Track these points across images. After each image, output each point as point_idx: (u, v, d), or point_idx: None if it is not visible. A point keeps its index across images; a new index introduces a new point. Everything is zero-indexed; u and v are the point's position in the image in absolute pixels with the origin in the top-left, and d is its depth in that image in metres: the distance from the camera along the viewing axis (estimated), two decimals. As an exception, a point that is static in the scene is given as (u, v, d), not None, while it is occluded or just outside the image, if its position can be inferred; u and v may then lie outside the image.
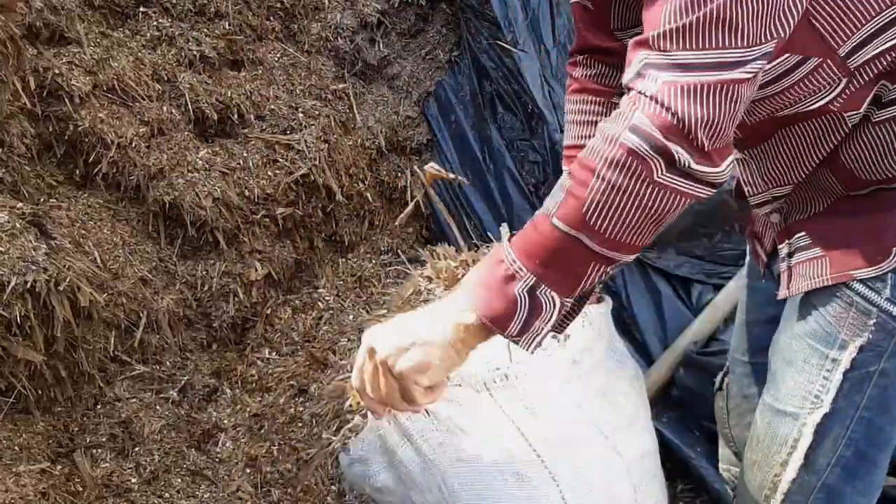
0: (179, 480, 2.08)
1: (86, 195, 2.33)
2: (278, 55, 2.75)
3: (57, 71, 2.26)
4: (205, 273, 2.42)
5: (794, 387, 1.24)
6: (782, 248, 1.26)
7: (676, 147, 0.95)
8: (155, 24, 2.53)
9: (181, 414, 2.23)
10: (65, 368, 2.01)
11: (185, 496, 2.06)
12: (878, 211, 1.16)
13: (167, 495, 2.05)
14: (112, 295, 2.17)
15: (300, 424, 2.25)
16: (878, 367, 1.18)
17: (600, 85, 1.40)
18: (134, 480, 2.05)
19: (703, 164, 0.96)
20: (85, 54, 2.34)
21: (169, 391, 2.26)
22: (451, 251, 1.71)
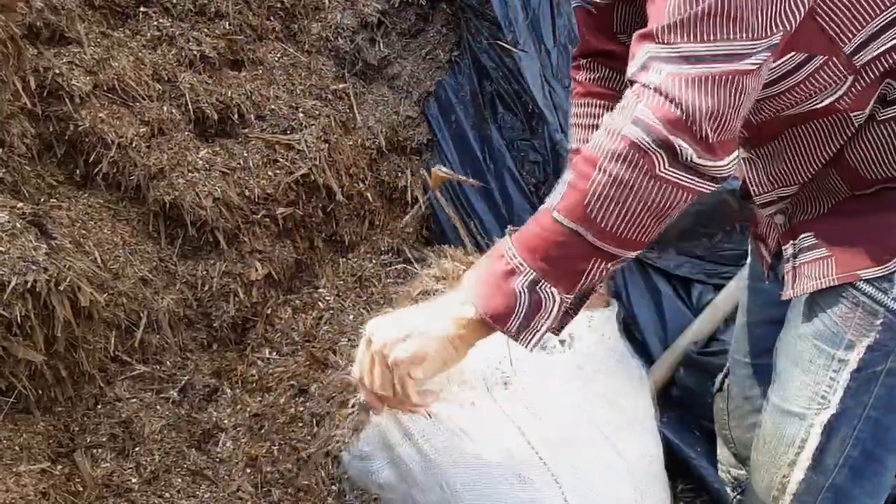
0: (180, 480, 2.08)
1: (86, 195, 2.33)
2: (278, 55, 2.75)
3: (57, 71, 2.26)
4: (205, 273, 2.42)
5: (801, 387, 1.23)
6: (787, 248, 1.25)
7: (679, 140, 0.94)
8: (155, 23, 2.53)
9: (181, 414, 2.23)
10: (65, 368, 2.01)
11: (185, 496, 2.06)
12: (883, 210, 1.16)
13: (167, 495, 2.05)
14: (112, 295, 2.17)
15: (300, 424, 2.25)
16: (885, 367, 1.18)
17: (605, 88, 1.39)
18: (134, 480, 2.04)
19: (707, 158, 0.95)
20: (85, 54, 2.34)
21: (169, 391, 2.26)
22: (458, 253, 1.71)
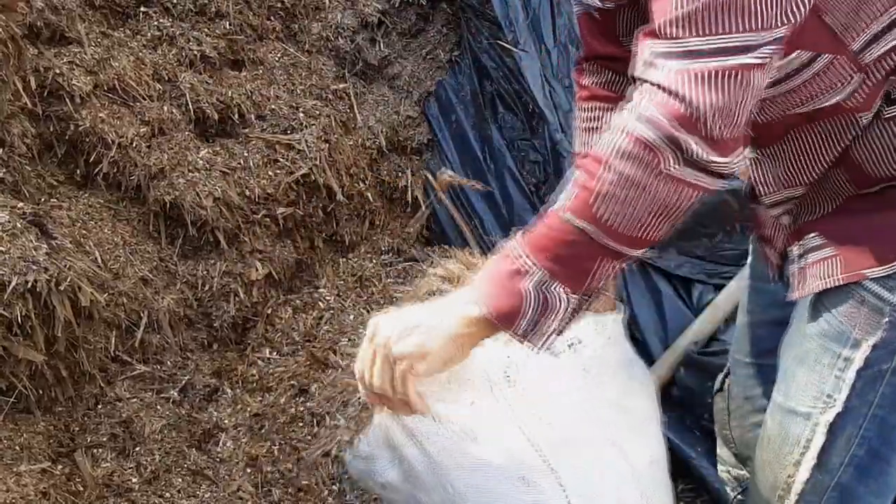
0: (180, 480, 2.08)
1: (86, 195, 2.33)
2: (279, 55, 2.75)
3: (58, 71, 2.26)
4: (205, 273, 2.42)
5: (806, 386, 1.23)
6: (793, 249, 1.25)
7: (687, 137, 0.93)
8: (156, 23, 2.53)
9: (182, 414, 2.23)
10: (65, 368, 2.01)
11: (185, 496, 2.06)
12: (888, 209, 1.15)
13: (168, 495, 2.05)
14: (113, 295, 2.17)
15: (301, 424, 2.25)
16: (891, 365, 1.17)
17: (609, 91, 1.39)
18: (135, 480, 2.05)
19: (714, 155, 0.95)
20: (86, 54, 2.34)
21: (170, 391, 2.26)
22: (465, 256, 1.70)
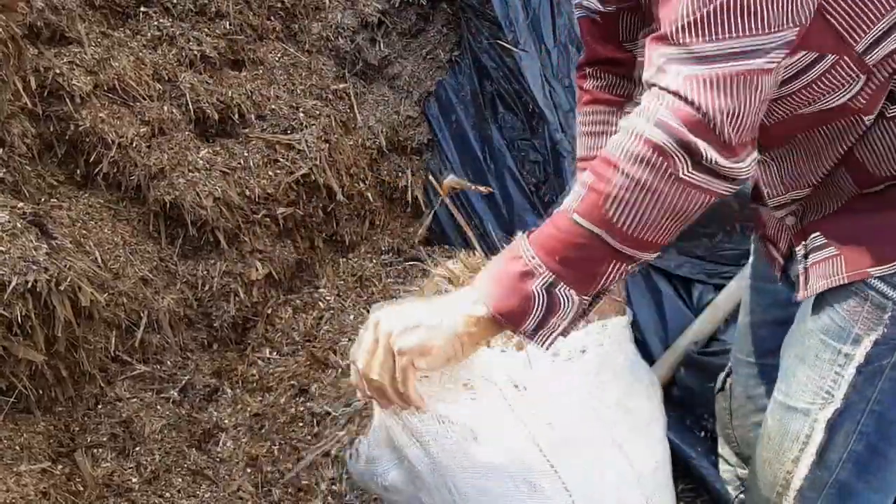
0: (180, 480, 2.08)
1: (86, 195, 2.33)
2: (279, 55, 2.75)
3: (58, 71, 2.26)
4: (205, 273, 2.42)
5: (806, 382, 1.23)
6: (799, 250, 1.25)
7: (701, 142, 0.94)
8: (156, 23, 2.53)
9: (182, 414, 2.23)
10: (66, 368, 2.01)
11: (185, 496, 2.06)
12: (890, 208, 1.16)
13: (168, 495, 2.05)
14: (113, 295, 2.17)
15: (301, 424, 2.25)
16: (890, 361, 1.17)
17: (612, 95, 1.40)
18: (135, 480, 2.05)
19: (728, 160, 0.96)
20: (86, 54, 2.34)
21: (170, 391, 2.26)
22: (471, 258, 1.69)
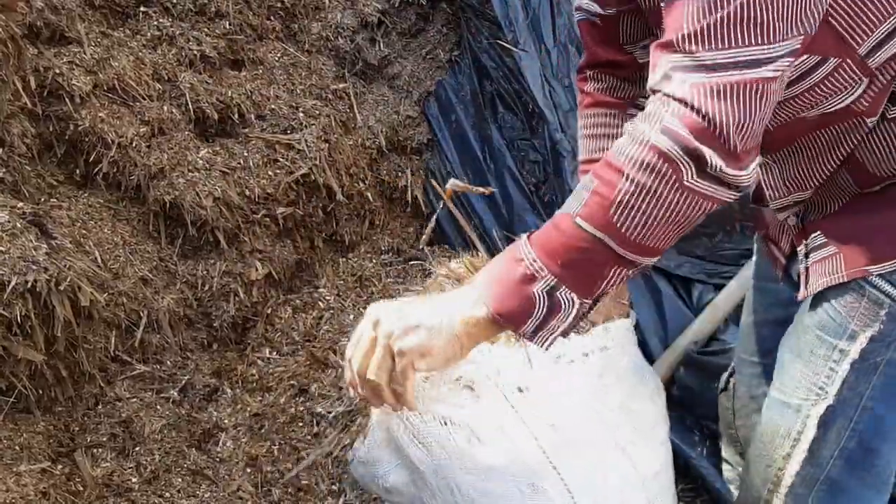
0: (180, 480, 2.08)
1: (86, 195, 2.33)
2: (279, 55, 2.75)
3: (57, 70, 2.26)
4: (205, 273, 2.42)
5: (800, 378, 1.23)
6: (800, 249, 1.25)
7: (707, 150, 0.95)
8: (155, 23, 2.53)
9: (182, 413, 2.23)
10: (65, 368, 2.01)
11: (185, 496, 2.06)
12: (889, 207, 1.16)
13: (168, 495, 2.05)
14: (112, 294, 2.17)
15: (301, 424, 2.25)
16: (885, 357, 1.18)
17: (613, 97, 1.40)
18: (134, 480, 2.05)
19: (733, 167, 0.96)
20: (85, 54, 2.34)
21: (169, 391, 2.26)
22: (475, 260, 1.69)
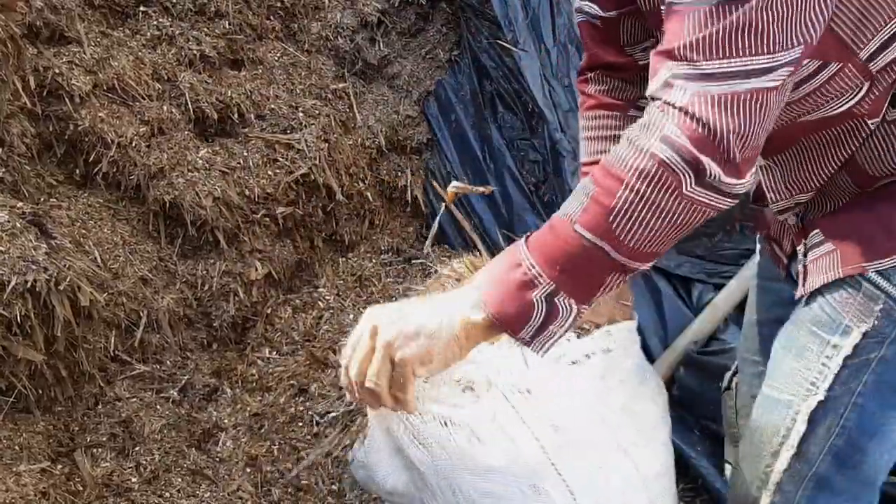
0: (180, 480, 2.08)
1: (86, 195, 2.33)
2: (278, 54, 2.75)
3: (57, 70, 2.26)
4: (205, 272, 2.42)
5: (791, 374, 1.23)
6: (800, 248, 1.26)
7: (708, 160, 0.95)
8: (155, 23, 2.53)
9: (181, 413, 2.23)
10: (65, 368, 2.01)
11: (185, 496, 2.06)
12: (887, 204, 1.16)
13: (167, 495, 2.05)
14: (112, 294, 2.17)
15: (301, 424, 2.25)
16: (878, 354, 1.17)
17: (614, 99, 1.40)
18: (134, 480, 2.05)
19: (732, 177, 0.97)
20: (85, 54, 2.34)
21: (169, 391, 2.26)
22: (475, 261, 1.69)
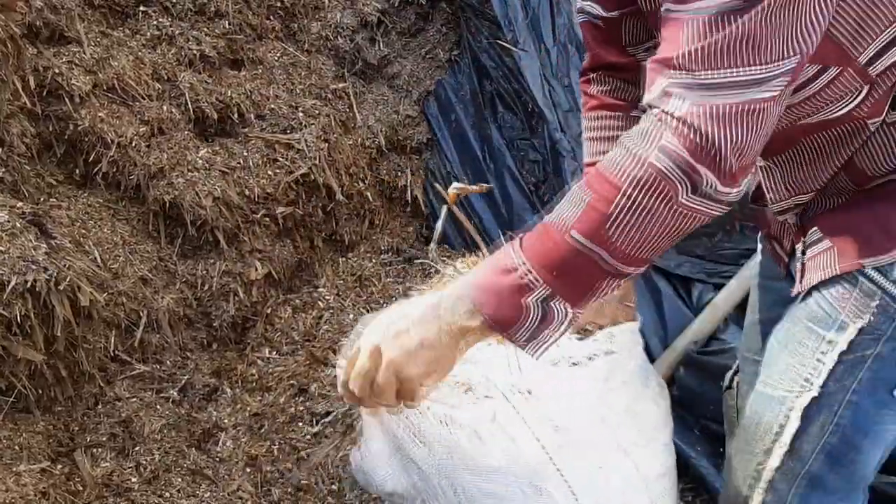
0: (180, 480, 2.08)
1: (86, 194, 2.33)
2: (278, 54, 2.75)
3: (57, 70, 2.26)
4: (205, 272, 2.42)
5: (786, 370, 1.23)
6: (798, 246, 1.26)
7: (705, 170, 0.96)
8: (155, 23, 2.53)
9: (181, 413, 2.23)
10: (65, 368, 2.01)
11: (185, 496, 2.06)
12: (884, 201, 1.17)
13: (167, 495, 2.05)
14: (112, 294, 2.17)
15: (301, 424, 2.25)
16: (874, 351, 1.17)
17: (617, 99, 1.40)
18: (134, 480, 2.05)
19: (727, 186, 0.98)
20: (85, 54, 2.34)
21: (169, 390, 2.26)
22: (478, 261, 1.69)
